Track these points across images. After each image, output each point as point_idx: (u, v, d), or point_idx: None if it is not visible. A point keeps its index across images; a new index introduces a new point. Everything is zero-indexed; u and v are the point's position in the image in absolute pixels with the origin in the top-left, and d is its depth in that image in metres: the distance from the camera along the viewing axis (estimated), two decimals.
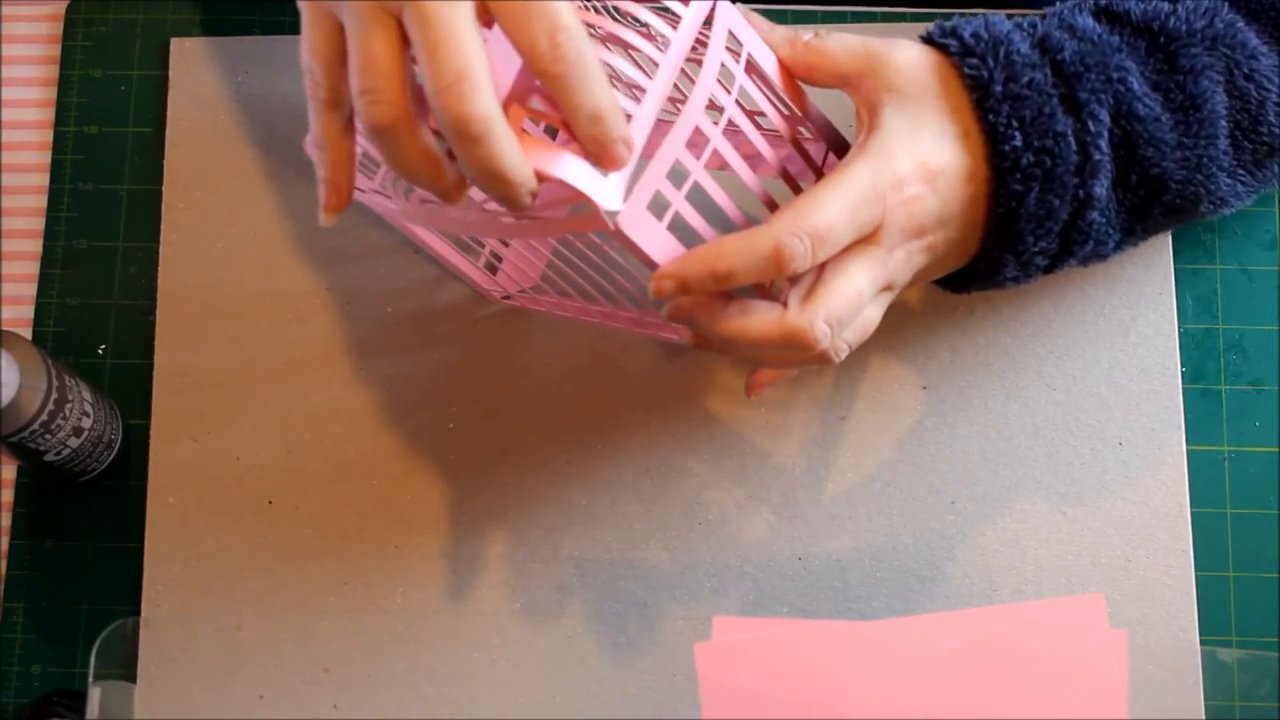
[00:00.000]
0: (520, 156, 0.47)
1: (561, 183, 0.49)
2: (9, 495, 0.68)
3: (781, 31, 0.55)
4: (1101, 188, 0.55)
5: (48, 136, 0.72)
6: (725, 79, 0.52)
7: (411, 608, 0.66)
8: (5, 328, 0.61)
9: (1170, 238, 0.69)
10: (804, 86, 0.57)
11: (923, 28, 0.57)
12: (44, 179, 0.72)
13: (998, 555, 0.66)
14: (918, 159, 0.53)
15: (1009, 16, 0.57)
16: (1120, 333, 0.68)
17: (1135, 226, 0.58)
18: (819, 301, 0.51)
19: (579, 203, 0.50)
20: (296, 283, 0.69)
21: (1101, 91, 0.54)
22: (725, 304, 0.53)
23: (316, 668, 0.65)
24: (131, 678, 0.65)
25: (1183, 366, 0.68)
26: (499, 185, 0.47)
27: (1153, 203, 0.57)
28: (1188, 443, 0.67)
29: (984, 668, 0.63)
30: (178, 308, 0.69)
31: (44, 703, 0.65)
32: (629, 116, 0.49)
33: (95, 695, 0.63)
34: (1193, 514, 0.66)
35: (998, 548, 0.66)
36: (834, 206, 0.51)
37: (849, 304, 0.51)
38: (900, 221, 0.52)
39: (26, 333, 0.70)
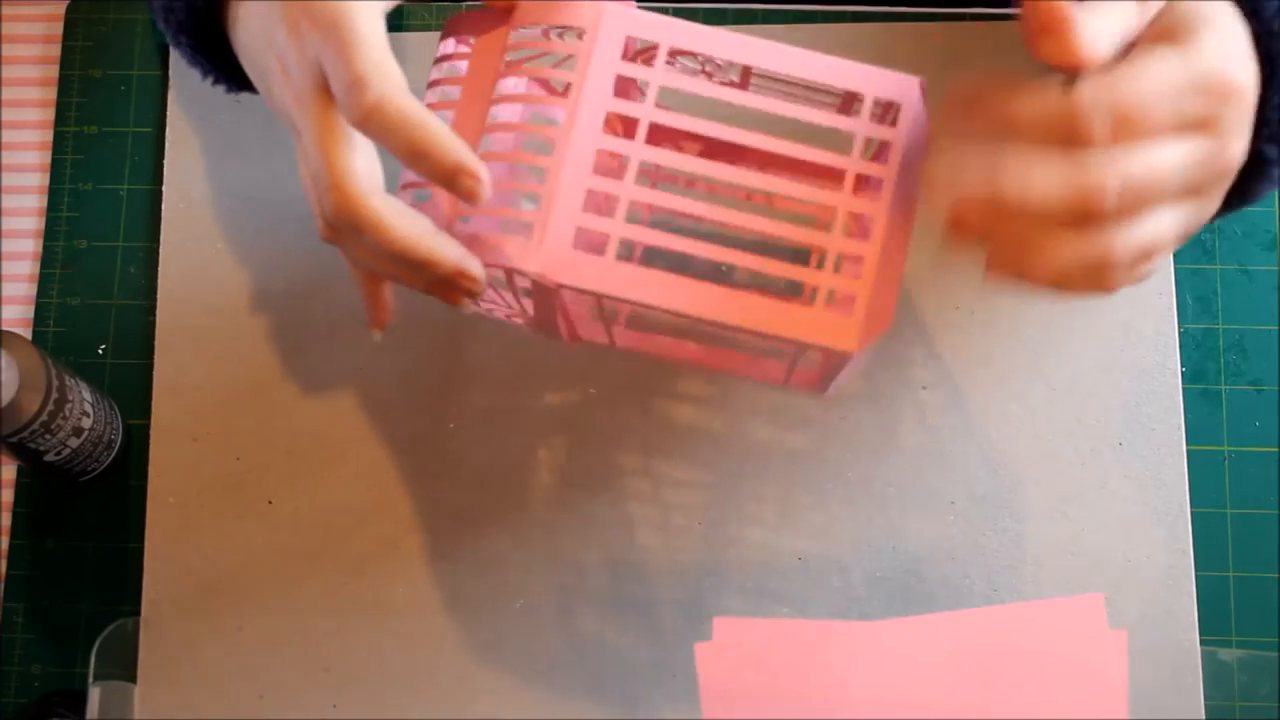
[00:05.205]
0: (411, 233, 0.48)
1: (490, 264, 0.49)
2: (9, 495, 0.68)
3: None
4: None
5: (48, 136, 0.72)
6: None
7: (411, 608, 0.66)
8: (5, 328, 0.61)
9: None
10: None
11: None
12: (44, 179, 0.72)
13: (998, 555, 0.66)
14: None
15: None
16: (1120, 333, 0.68)
17: None
18: (1114, 84, 0.43)
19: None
20: (296, 282, 0.69)
21: None
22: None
23: (316, 668, 0.65)
24: (131, 678, 0.65)
25: (1183, 366, 0.68)
26: (420, 266, 0.49)
27: None
28: (1188, 443, 0.67)
29: (984, 668, 0.63)
30: (178, 308, 0.69)
31: (44, 703, 0.65)
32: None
33: (95, 695, 0.63)
34: (1193, 514, 0.66)
35: (998, 548, 0.66)
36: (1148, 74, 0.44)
37: (1145, 96, 0.43)
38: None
39: (26, 333, 0.70)
